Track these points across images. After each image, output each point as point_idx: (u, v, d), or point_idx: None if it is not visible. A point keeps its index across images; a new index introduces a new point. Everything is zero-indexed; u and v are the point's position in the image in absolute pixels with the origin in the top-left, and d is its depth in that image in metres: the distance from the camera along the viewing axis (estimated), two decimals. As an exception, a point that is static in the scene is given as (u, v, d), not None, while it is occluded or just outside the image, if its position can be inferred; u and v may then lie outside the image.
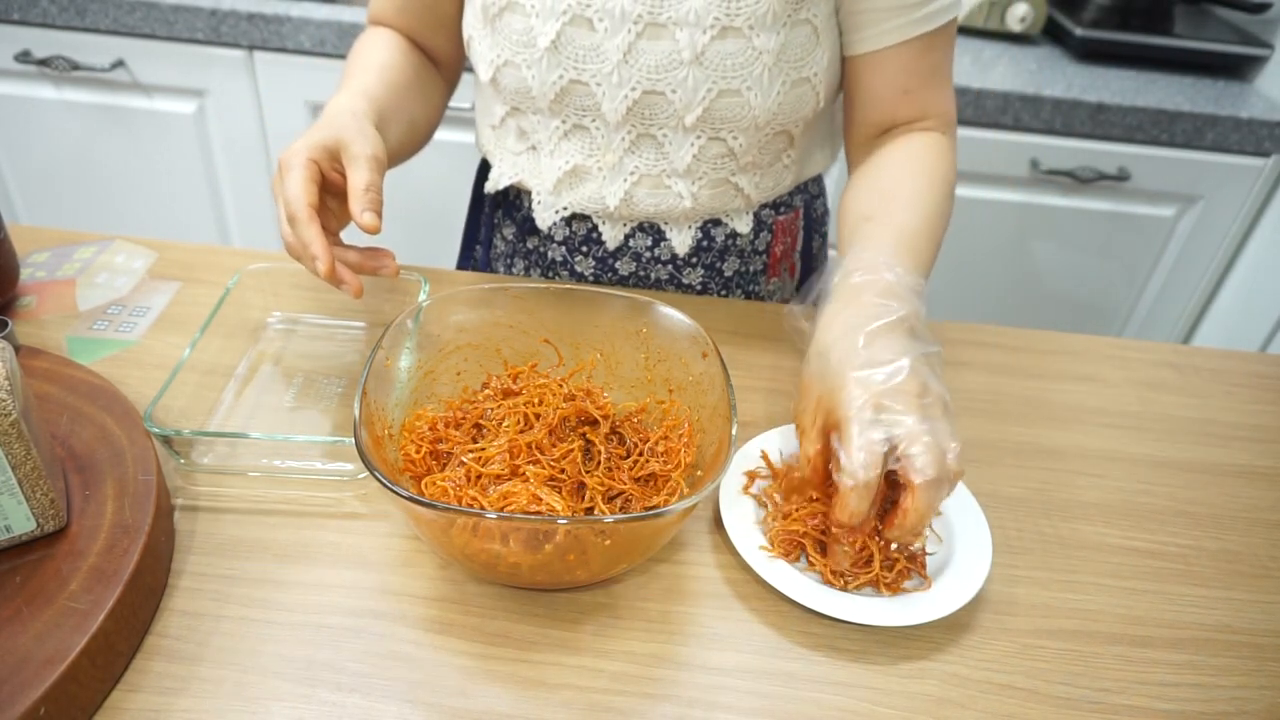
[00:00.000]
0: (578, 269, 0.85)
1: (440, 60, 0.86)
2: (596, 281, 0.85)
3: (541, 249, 0.87)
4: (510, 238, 0.90)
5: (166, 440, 0.58)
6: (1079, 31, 1.52)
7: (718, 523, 0.61)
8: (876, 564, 0.55)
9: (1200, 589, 0.60)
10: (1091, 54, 1.55)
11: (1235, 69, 1.58)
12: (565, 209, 0.81)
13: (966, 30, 1.61)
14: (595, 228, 0.82)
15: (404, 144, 0.80)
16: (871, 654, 0.54)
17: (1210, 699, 0.53)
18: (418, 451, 0.57)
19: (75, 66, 1.46)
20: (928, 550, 0.57)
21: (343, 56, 1.43)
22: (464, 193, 0.97)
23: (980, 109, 1.41)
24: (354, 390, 0.57)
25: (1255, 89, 1.53)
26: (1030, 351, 0.82)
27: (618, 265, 0.84)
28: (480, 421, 0.59)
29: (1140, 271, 1.61)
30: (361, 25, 1.40)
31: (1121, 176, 1.47)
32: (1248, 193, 1.49)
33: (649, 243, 0.82)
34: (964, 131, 1.45)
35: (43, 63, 1.46)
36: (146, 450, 0.56)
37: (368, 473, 0.48)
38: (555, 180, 0.79)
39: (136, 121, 1.54)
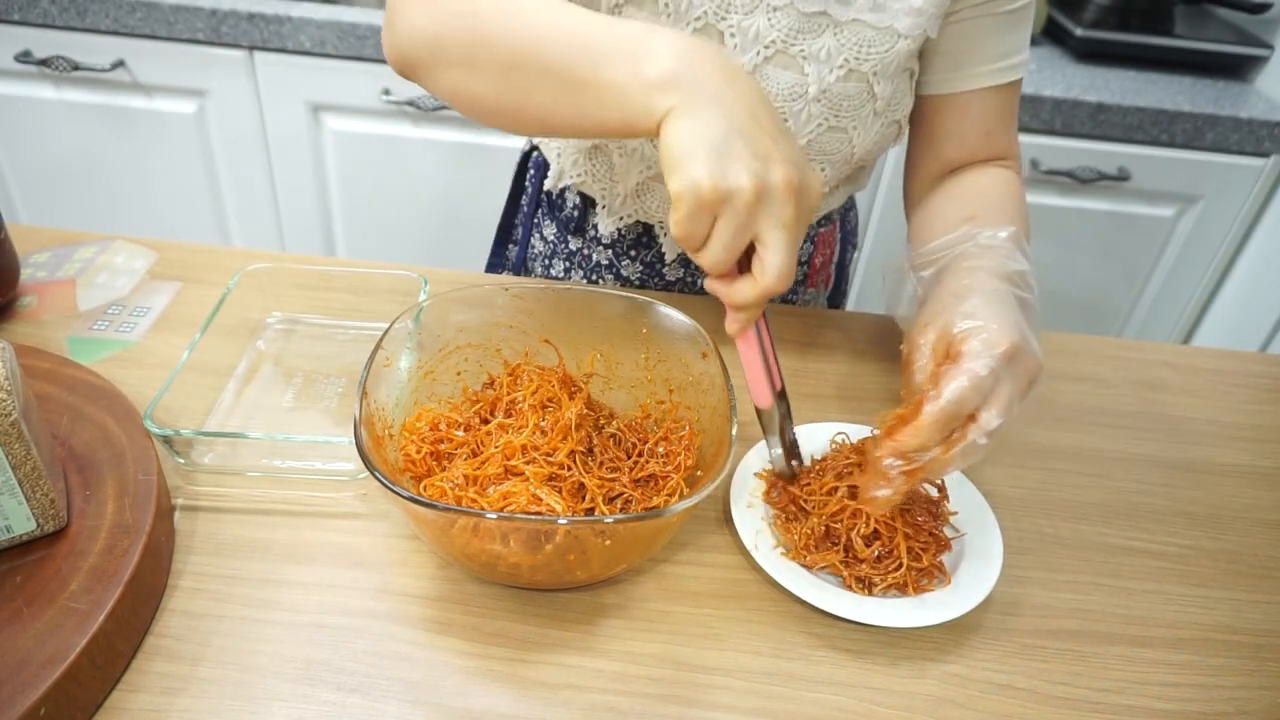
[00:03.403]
0: (624, 273, 0.85)
1: None
2: (643, 287, 0.85)
3: (586, 251, 0.86)
4: (550, 238, 0.88)
5: (166, 440, 0.58)
6: (1079, 32, 1.52)
7: (718, 523, 0.61)
8: (904, 565, 0.55)
9: (1200, 589, 0.60)
10: (1091, 54, 1.55)
11: (1235, 69, 1.58)
12: (631, 215, 0.79)
13: (966, 30, 1.61)
14: (648, 232, 0.81)
15: None
16: (872, 654, 0.54)
17: (1210, 699, 0.53)
18: (418, 451, 0.57)
19: (75, 66, 1.46)
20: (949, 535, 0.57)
21: (343, 57, 1.44)
22: (490, 194, 0.95)
23: (980, 109, 1.41)
24: (354, 390, 0.57)
25: (1255, 89, 1.53)
26: (1030, 351, 0.82)
27: (665, 271, 0.83)
28: (489, 415, 0.59)
29: (1140, 271, 1.61)
30: (362, 25, 1.40)
31: (1121, 176, 1.47)
32: (1248, 193, 1.49)
33: None
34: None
35: (43, 63, 1.46)
36: (146, 450, 0.56)
37: (368, 473, 0.48)
38: (633, 185, 0.77)
39: (136, 121, 1.54)
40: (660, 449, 0.59)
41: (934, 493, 0.62)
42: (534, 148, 0.90)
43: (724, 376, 0.57)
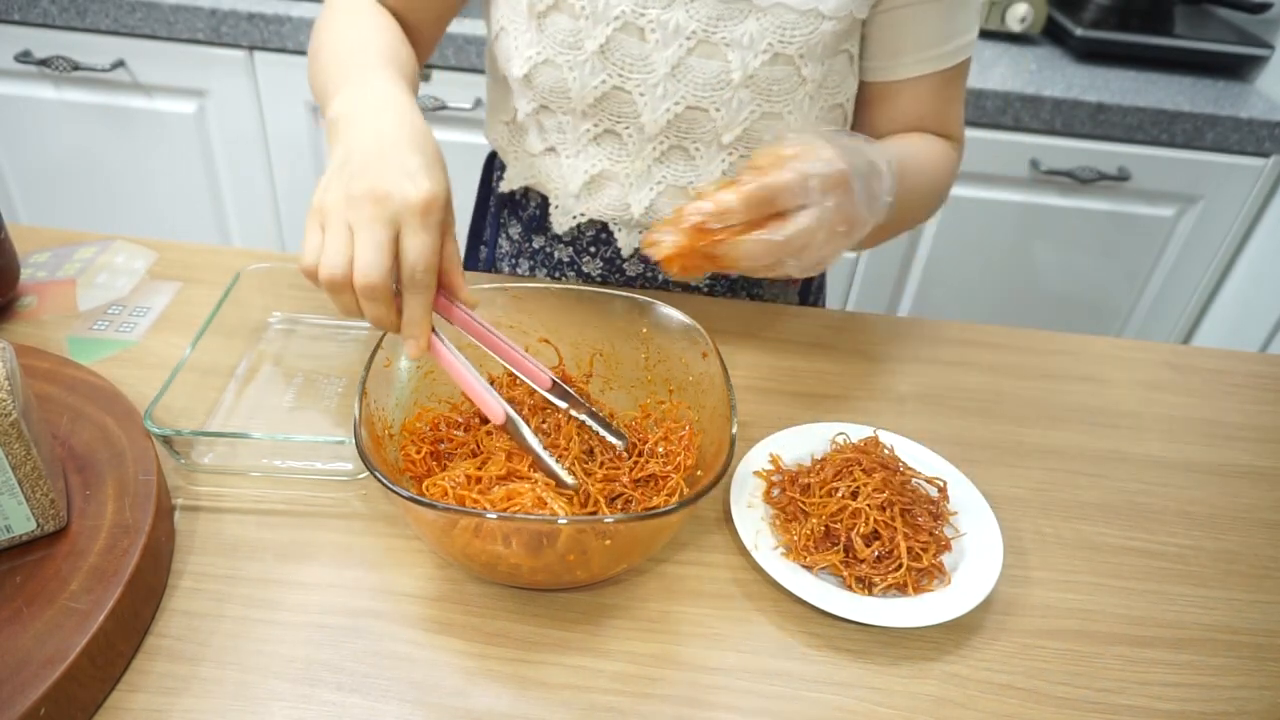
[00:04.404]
0: (585, 269, 0.85)
1: (418, 40, 0.79)
2: (604, 282, 0.85)
3: (548, 249, 0.86)
4: (515, 237, 0.89)
5: (166, 440, 0.58)
6: (1079, 31, 1.52)
7: (718, 523, 0.61)
8: (904, 565, 0.55)
9: (1200, 589, 0.60)
10: (1091, 54, 1.55)
11: (1235, 69, 1.58)
12: (583, 214, 0.80)
13: (966, 30, 1.61)
14: (605, 229, 0.82)
15: None
16: (872, 654, 0.54)
17: (1210, 699, 0.53)
18: (418, 451, 0.57)
19: (75, 66, 1.46)
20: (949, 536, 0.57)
21: (343, 56, 1.44)
22: (466, 193, 0.97)
23: (980, 109, 1.41)
24: (354, 390, 0.57)
25: (1255, 89, 1.53)
26: (1030, 351, 0.82)
27: (626, 267, 0.84)
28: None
29: (1140, 271, 1.61)
30: (361, 25, 1.40)
31: (1121, 176, 1.47)
32: (1248, 193, 1.49)
33: None
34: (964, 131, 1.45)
35: (43, 63, 1.46)
36: (146, 450, 0.56)
37: (368, 473, 0.48)
38: (579, 185, 0.78)
39: (136, 121, 1.54)
40: (660, 449, 0.59)
41: (934, 493, 0.62)
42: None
43: (724, 376, 0.57)
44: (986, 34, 1.61)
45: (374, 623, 0.53)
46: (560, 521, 0.48)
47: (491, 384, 0.64)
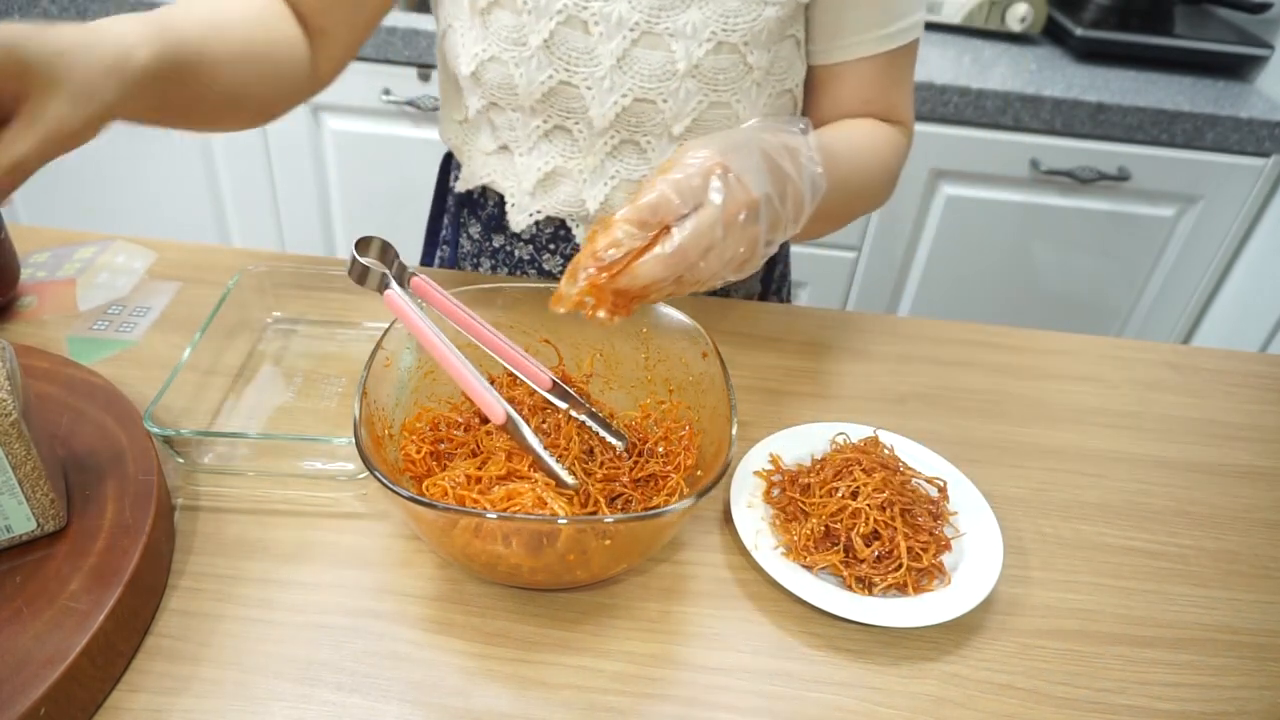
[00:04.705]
0: (545, 267, 0.85)
1: (326, 44, 0.76)
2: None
3: (508, 248, 0.86)
4: (476, 236, 0.89)
5: (167, 440, 0.58)
6: (1079, 31, 1.52)
7: (718, 522, 0.61)
8: (904, 565, 0.55)
9: (1200, 589, 0.60)
10: (1091, 54, 1.55)
11: (1235, 69, 1.58)
12: (539, 211, 0.80)
13: (966, 30, 1.62)
14: (564, 226, 0.82)
15: (197, 107, 0.65)
16: (872, 654, 0.54)
17: (1210, 699, 0.53)
18: (418, 451, 0.57)
19: (75, 66, 1.46)
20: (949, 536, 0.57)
21: (343, 56, 1.44)
22: (428, 190, 0.96)
23: (980, 109, 1.41)
24: (354, 390, 0.57)
25: (1255, 89, 1.53)
26: (1030, 351, 0.82)
27: None
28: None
29: (1140, 271, 1.61)
30: (361, 25, 1.40)
31: (1121, 176, 1.47)
32: (1248, 193, 1.49)
33: None
34: (964, 131, 1.45)
35: (43, 63, 1.46)
36: (146, 450, 0.56)
37: (368, 473, 0.48)
38: (534, 182, 0.78)
39: (136, 121, 1.54)
40: (660, 449, 0.59)
41: (934, 493, 0.62)
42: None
43: (724, 376, 0.57)
44: (986, 34, 1.61)
45: (374, 623, 0.53)
46: (560, 521, 0.48)
47: (491, 384, 0.63)
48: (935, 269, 1.62)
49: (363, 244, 0.53)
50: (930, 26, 1.61)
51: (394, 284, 0.53)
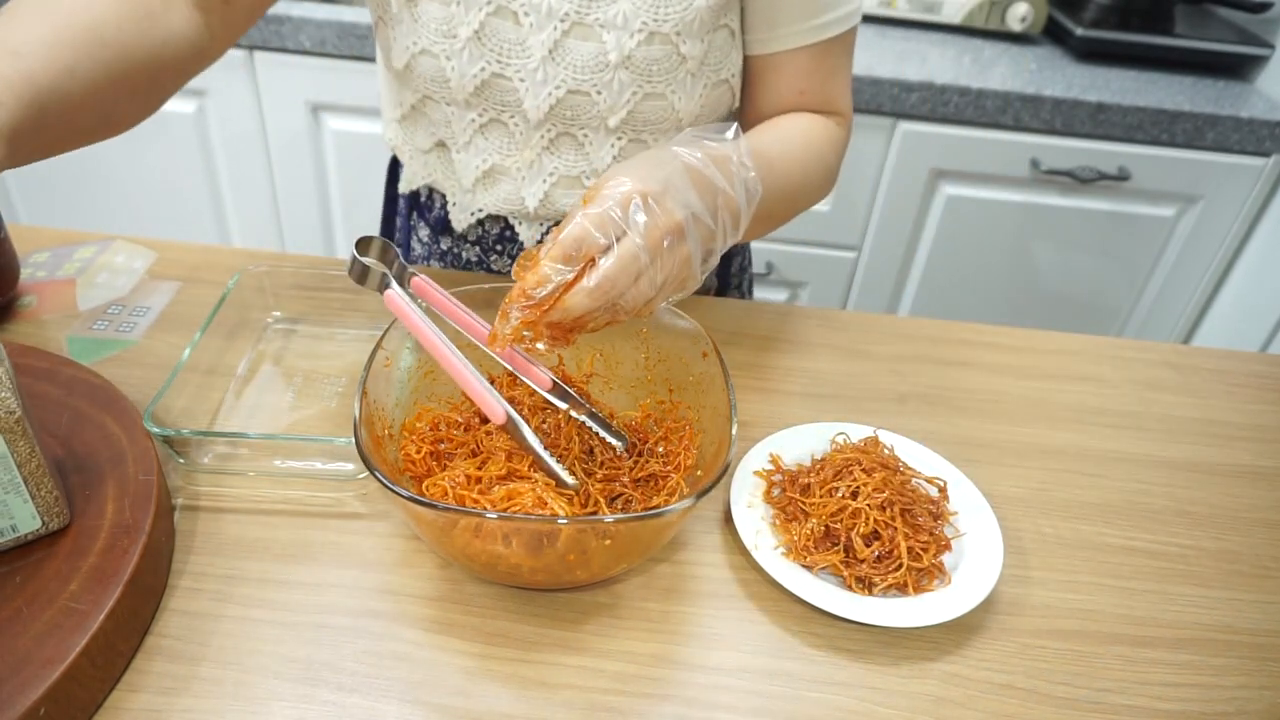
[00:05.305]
0: (494, 268, 0.85)
1: (219, 23, 0.69)
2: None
3: (455, 249, 0.86)
4: (425, 239, 0.89)
5: (167, 440, 0.58)
6: (1079, 31, 1.52)
7: (718, 522, 0.61)
8: (904, 565, 0.55)
9: (1200, 589, 0.60)
10: (1092, 54, 1.55)
11: (1235, 69, 1.58)
12: (481, 210, 0.79)
13: (966, 30, 1.62)
14: (509, 226, 0.81)
15: (71, 130, 0.58)
16: (872, 654, 0.54)
17: (1210, 699, 0.53)
18: (418, 451, 0.57)
19: (75, 66, 1.46)
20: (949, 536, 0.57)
21: (343, 56, 1.44)
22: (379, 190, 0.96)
23: (980, 109, 1.41)
24: (354, 390, 0.57)
25: (1255, 89, 1.53)
26: (1030, 351, 0.82)
27: None
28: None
29: (1140, 271, 1.61)
30: (362, 24, 1.40)
31: (1121, 176, 1.47)
32: (1248, 193, 1.49)
33: None
34: (964, 131, 1.45)
35: (43, 63, 1.46)
36: (146, 450, 0.56)
37: (368, 473, 0.48)
38: (473, 180, 0.77)
39: (136, 121, 1.54)
40: (660, 449, 0.59)
41: (934, 493, 0.62)
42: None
43: (724, 376, 0.57)
44: (986, 34, 1.61)
45: (374, 623, 0.53)
46: (560, 521, 0.48)
47: (491, 384, 0.64)
48: (935, 269, 1.62)
49: (363, 243, 0.53)
50: (930, 26, 1.62)
51: (394, 283, 0.53)
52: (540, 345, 0.53)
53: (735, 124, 0.60)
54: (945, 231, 1.57)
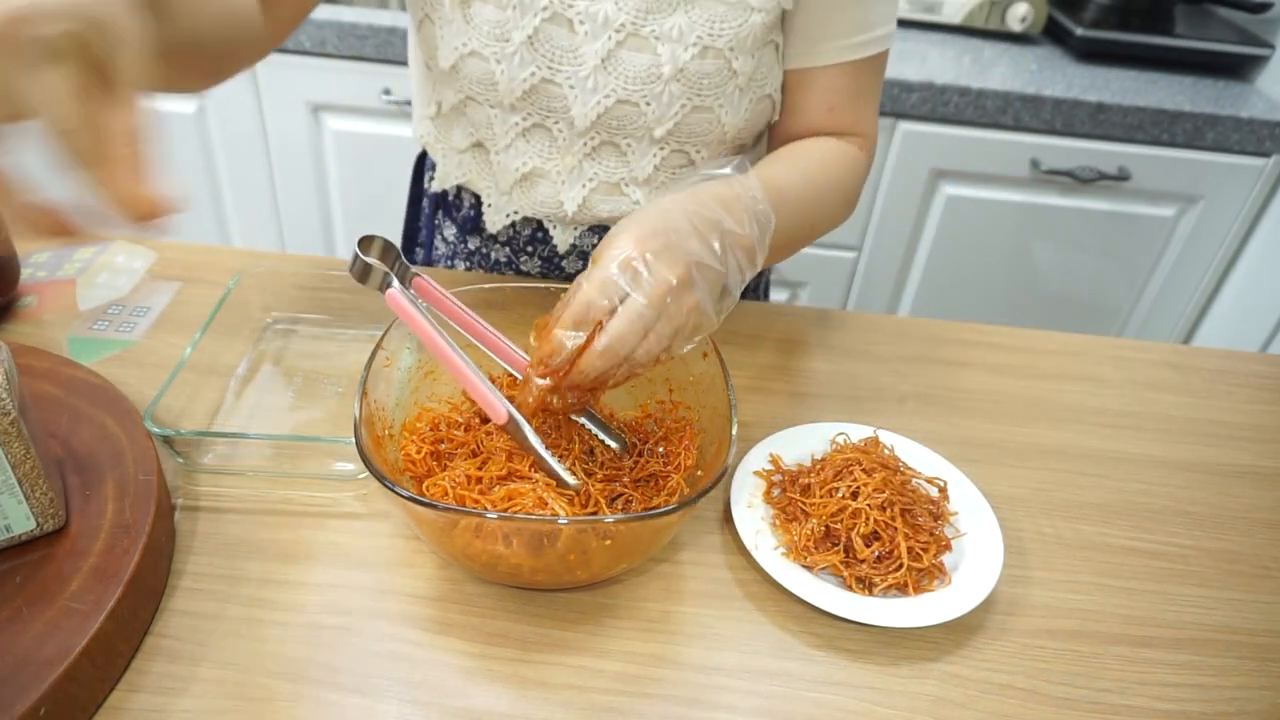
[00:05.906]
0: (523, 269, 0.85)
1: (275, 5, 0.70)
2: (545, 278, 0.85)
3: (484, 249, 0.86)
4: (451, 239, 0.88)
5: (167, 440, 0.58)
6: (1079, 31, 1.52)
7: (718, 523, 0.61)
8: (904, 565, 0.55)
9: (1200, 589, 0.60)
10: (1092, 54, 1.55)
11: (1236, 69, 1.58)
12: (517, 212, 0.79)
13: (966, 30, 1.62)
14: (541, 228, 0.81)
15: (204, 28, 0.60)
16: (872, 654, 0.54)
17: (1210, 699, 0.53)
18: (418, 451, 0.57)
19: (75, 66, 1.46)
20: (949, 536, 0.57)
21: (343, 56, 1.44)
22: (403, 189, 0.96)
23: (980, 109, 1.41)
24: (354, 390, 0.57)
25: (1256, 89, 1.53)
26: (1030, 351, 0.82)
27: (564, 264, 0.84)
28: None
29: (1140, 271, 1.61)
30: (362, 25, 1.40)
31: (1121, 176, 1.47)
32: (1248, 193, 1.49)
33: (597, 242, 0.81)
34: (964, 131, 1.45)
35: (43, 63, 1.46)
36: (146, 450, 0.56)
37: (368, 473, 0.48)
38: (511, 183, 0.77)
39: (136, 121, 1.54)
40: (660, 449, 0.59)
41: (934, 493, 0.62)
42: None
43: (724, 376, 0.57)
44: (986, 34, 1.61)
45: (374, 623, 0.53)
46: (561, 522, 0.48)
47: (492, 384, 0.64)
48: (935, 269, 1.62)
49: (365, 243, 0.53)
50: (930, 26, 1.61)
51: (396, 283, 0.53)
52: (570, 402, 0.55)
53: (740, 158, 0.61)
54: (945, 231, 1.57)
